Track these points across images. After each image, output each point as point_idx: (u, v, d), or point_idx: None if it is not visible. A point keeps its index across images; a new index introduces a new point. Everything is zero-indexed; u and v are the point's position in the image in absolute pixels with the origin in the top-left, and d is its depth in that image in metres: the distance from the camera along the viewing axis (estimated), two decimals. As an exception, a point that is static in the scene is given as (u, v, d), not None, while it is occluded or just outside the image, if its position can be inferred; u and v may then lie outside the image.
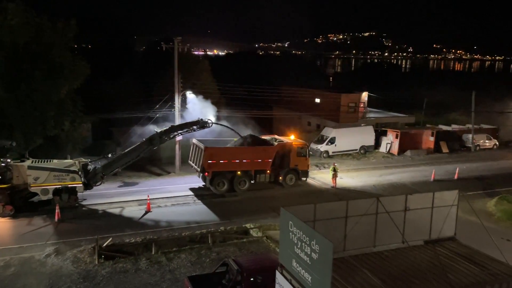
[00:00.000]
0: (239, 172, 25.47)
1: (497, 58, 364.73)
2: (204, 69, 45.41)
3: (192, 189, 25.94)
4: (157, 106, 28.73)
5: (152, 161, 30.97)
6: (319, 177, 29.53)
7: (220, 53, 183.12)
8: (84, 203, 22.97)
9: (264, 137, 28.66)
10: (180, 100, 29.01)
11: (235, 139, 27.25)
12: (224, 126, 27.52)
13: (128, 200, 23.61)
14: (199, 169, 25.24)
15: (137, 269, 15.68)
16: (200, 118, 25.99)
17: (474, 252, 11.67)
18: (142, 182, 27.45)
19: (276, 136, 29.13)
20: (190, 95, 30.04)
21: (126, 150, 24.16)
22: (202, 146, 24.92)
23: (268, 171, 26.22)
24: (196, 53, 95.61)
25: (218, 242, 18.18)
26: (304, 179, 27.58)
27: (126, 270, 15.56)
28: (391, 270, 10.49)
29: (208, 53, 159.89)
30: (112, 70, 49.63)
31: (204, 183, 26.13)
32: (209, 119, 26.08)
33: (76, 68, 26.71)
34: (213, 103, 31.18)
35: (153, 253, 16.94)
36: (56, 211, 20.54)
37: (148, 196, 23.13)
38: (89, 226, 19.90)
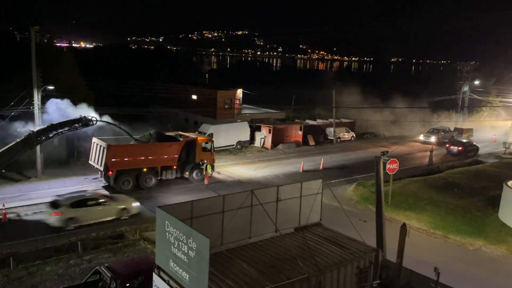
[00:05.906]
0: (145, 169, 24.91)
1: (353, 59, 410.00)
2: (69, 63, 41.52)
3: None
4: (12, 103, 25.43)
5: (7, 164, 27.25)
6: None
7: (88, 46, 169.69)
8: None
9: (168, 133, 28.53)
10: (40, 96, 26.23)
11: (143, 134, 26.97)
12: (111, 123, 26.31)
13: (-22, 211, 20.48)
14: (101, 168, 23.97)
15: (-9, 289, 13.74)
16: (83, 115, 24.50)
17: (337, 235, 12.95)
18: (-4, 190, 24.09)
19: (181, 132, 29.11)
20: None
21: None
22: (104, 144, 23.74)
23: (174, 167, 26.26)
24: (59, 44, 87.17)
25: (89, 250, 16.93)
26: (210, 173, 27.95)
27: (-23, 293, 13.53)
28: (266, 259, 11.03)
29: (74, 45, 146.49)
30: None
31: (107, 183, 24.63)
32: (93, 117, 24.80)
33: None
34: (80, 100, 28.81)
35: (11, 268, 15.02)
36: None
37: (3, 205, 20.33)
38: None
